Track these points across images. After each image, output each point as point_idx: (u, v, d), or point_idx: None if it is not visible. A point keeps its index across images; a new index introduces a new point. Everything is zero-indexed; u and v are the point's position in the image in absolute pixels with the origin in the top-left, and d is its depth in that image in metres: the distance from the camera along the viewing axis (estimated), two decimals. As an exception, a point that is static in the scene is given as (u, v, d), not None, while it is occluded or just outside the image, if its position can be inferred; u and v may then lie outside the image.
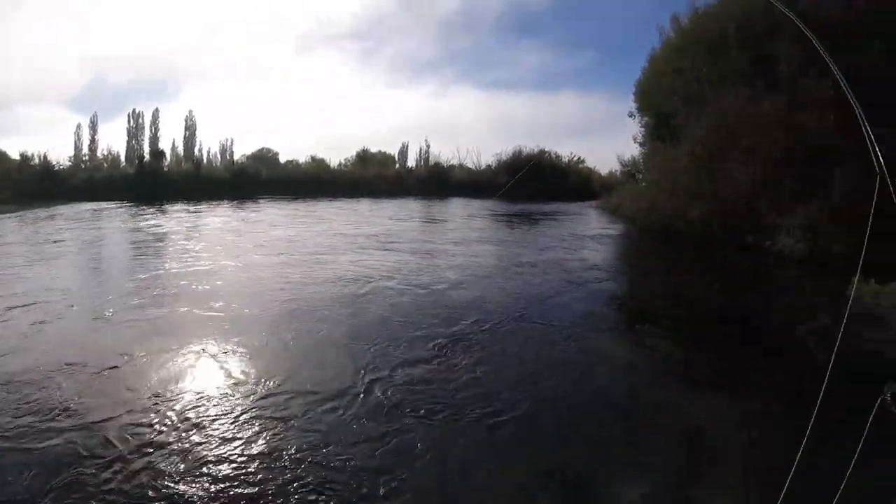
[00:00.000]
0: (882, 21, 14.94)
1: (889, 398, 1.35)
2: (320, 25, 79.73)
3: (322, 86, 79.66)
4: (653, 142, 24.14)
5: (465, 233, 19.15)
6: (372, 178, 39.67)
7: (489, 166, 41.56)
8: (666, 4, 46.50)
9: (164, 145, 47.59)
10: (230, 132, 53.92)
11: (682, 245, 17.51)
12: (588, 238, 18.37)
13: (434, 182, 38.78)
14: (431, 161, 45.41)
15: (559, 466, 4.38)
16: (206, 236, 17.14)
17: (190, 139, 52.43)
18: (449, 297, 9.67)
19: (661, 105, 22.99)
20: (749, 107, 17.33)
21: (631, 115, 26.86)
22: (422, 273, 11.61)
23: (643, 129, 25.94)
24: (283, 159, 50.43)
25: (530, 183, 35.00)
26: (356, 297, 9.48)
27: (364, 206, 28.13)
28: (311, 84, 79.79)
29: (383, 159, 48.86)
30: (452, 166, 42.49)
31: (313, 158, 46.75)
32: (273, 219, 21.88)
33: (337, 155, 54.86)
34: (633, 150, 29.80)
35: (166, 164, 40.32)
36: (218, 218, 22.55)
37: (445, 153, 49.66)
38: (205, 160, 47.94)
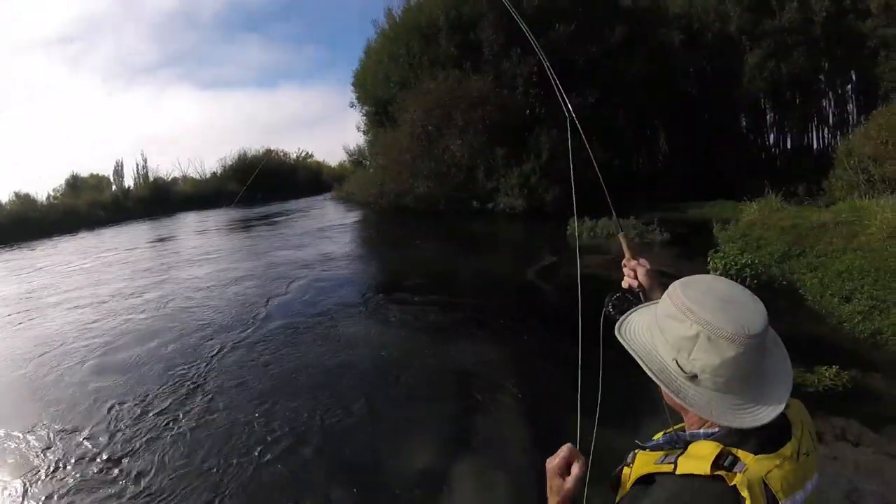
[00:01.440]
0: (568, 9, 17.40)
1: (610, 308, 1.31)
2: (20, 29, 63.66)
3: (21, 104, 63.04)
4: (375, 128, 24.41)
5: (210, 247, 16.40)
6: (86, 206, 32.75)
7: (215, 173, 37.91)
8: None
9: None
10: None
11: (416, 220, 17.77)
12: (326, 229, 17.44)
13: (157, 200, 33.80)
14: (151, 177, 39.64)
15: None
16: None
17: None
18: (219, 305, 8.64)
19: (378, 93, 23.43)
20: (459, 87, 18.45)
21: (352, 105, 26.98)
22: (182, 293, 9.68)
23: (364, 117, 26.21)
24: None
25: (261, 185, 33.12)
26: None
27: (84, 241, 22.23)
28: (7, 105, 62.53)
29: (97, 183, 40.99)
30: (175, 179, 37.67)
31: (17, 195, 37.01)
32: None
33: (48, 186, 44.32)
34: (358, 139, 29.93)
35: None
36: None
37: (166, 166, 43.99)
38: None
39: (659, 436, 1.10)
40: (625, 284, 1.51)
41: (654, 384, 1.01)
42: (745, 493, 0.87)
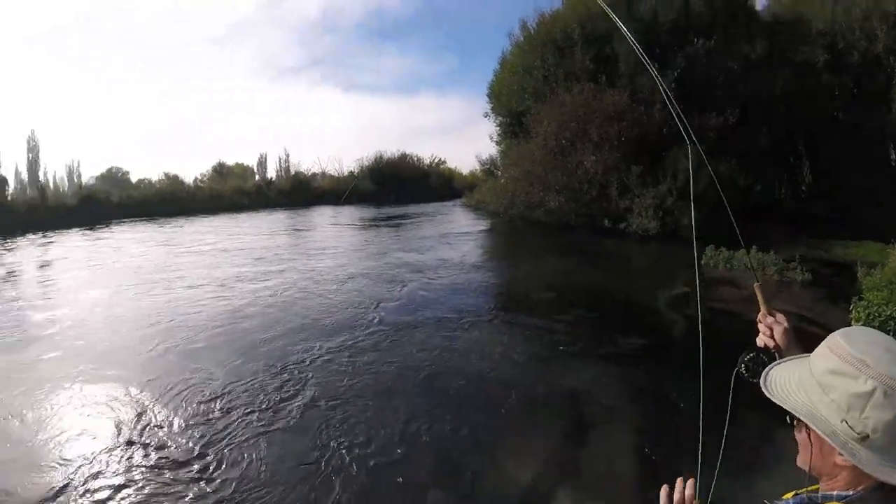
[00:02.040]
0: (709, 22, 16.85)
1: (743, 369, 1.32)
2: (175, 28, 73.22)
3: (177, 95, 72.67)
4: (508, 139, 25.02)
5: (335, 241, 18.19)
6: (231, 192, 36.75)
7: (352, 172, 40.61)
8: (518, 11, 49.14)
9: (7, 171, 40.91)
10: (78, 153, 47.67)
11: (545, 233, 18.18)
12: (459, 235, 18.43)
13: (296, 192, 36.95)
14: (292, 170, 43.40)
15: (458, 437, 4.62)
16: (70, 268, 13.94)
17: (33, 163, 45.79)
18: (332, 302, 9.22)
19: (512, 104, 24.00)
20: (594, 101, 18.52)
21: (486, 115, 27.80)
22: (299, 284, 10.82)
23: (498, 128, 26.92)
24: (134, 178, 45.58)
25: (393, 187, 34.97)
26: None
27: (226, 222, 25.65)
28: (165, 95, 72.44)
29: (241, 172, 45.82)
30: (315, 175, 40.96)
31: (167, 176, 42.65)
32: (128, 247, 18.64)
33: (194, 169, 50.50)
34: (490, 149, 30.84)
35: (9, 192, 34.08)
36: (70, 249, 18.88)
37: (306, 162, 47.88)
38: (51, 185, 42.00)
39: (790, 495, 1.07)
40: (760, 343, 1.43)
41: (783, 442, 1.08)
42: None
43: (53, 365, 6.53)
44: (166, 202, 33.55)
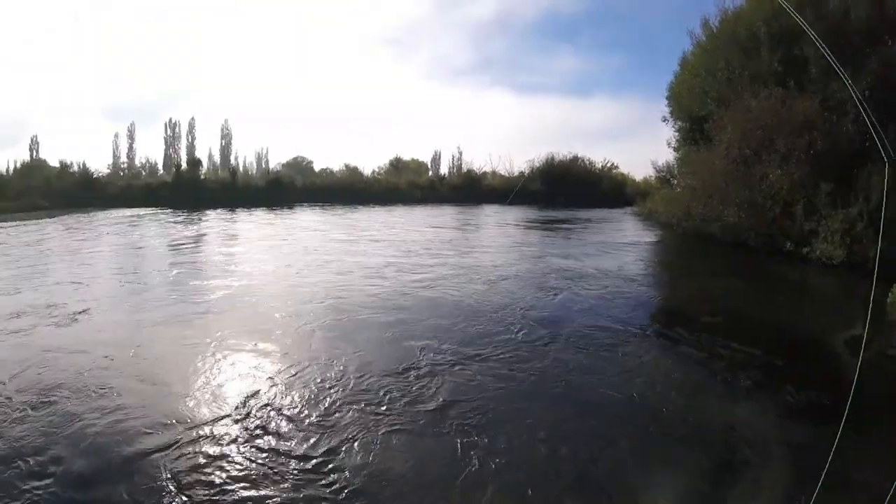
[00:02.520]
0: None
1: None
2: (354, 32, 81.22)
3: (355, 94, 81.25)
4: (687, 146, 23.89)
5: (503, 240, 19.42)
6: (405, 185, 40.02)
7: (522, 173, 41.41)
8: (697, 8, 45.74)
9: (201, 154, 49.61)
10: (266, 142, 55.13)
11: (719, 251, 17.39)
12: (625, 245, 18.40)
13: (467, 189, 38.79)
14: (464, 168, 45.48)
15: (596, 467, 4.46)
16: (250, 240, 18.42)
17: (226, 148, 54.72)
18: (495, 303, 9.66)
19: (693, 108, 22.86)
20: (782, 108, 17.08)
21: (664, 119, 26.74)
22: (463, 278, 11.89)
23: (677, 133, 25.83)
24: (317, 167, 51.32)
25: (564, 189, 34.99)
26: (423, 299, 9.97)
27: (398, 213, 28.67)
28: (345, 92, 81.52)
29: (416, 167, 49.32)
30: (485, 173, 42.48)
31: (347, 167, 47.46)
32: (314, 225, 22.58)
33: (371, 163, 55.67)
34: (667, 155, 29.48)
35: (203, 172, 41.48)
36: (254, 224, 23.70)
37: (478, 160, 49.94)
38: (241, 168, 49.51)
39: None
40: None
41: None
42: None
43: (209, 327, 7.89)
44: (345, 191, 37.81)
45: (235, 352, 6.84)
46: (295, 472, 4.12)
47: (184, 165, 39.84)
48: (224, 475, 4.02)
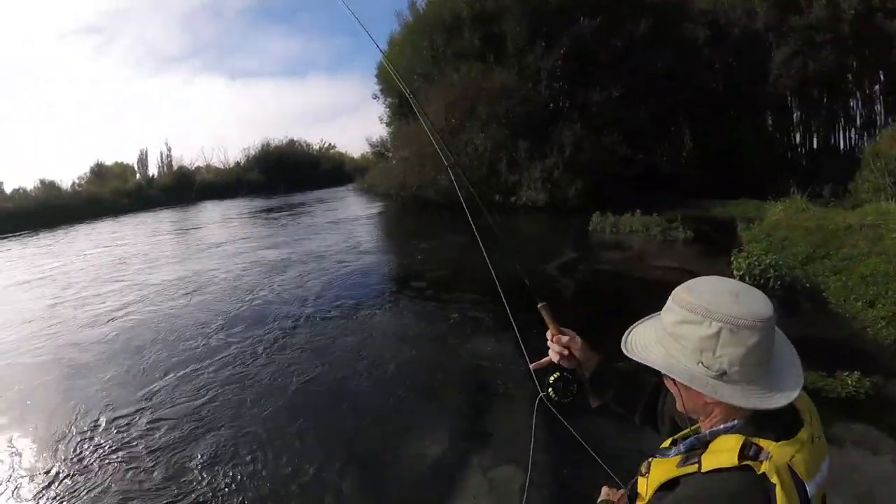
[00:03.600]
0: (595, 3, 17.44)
1: (551, 392, 1.36)
2: (47, 21, 64.80)
3: (49, 93, 64.40)
4: (398, 120, 24.60)
5: (233, 234, 16.83)
6: (111, 194, 33.33)
7: (238, 163, 38.40)
8: None
9: None
10: None
11: (436, 213, 17.96)
12: (349, 220, 17.77)
13: (180, 188, 34.26)
14: (175, 165, 40.21)
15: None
16: None
17: None
18: (246, 295, 8.93)
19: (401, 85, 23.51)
20: (482, 80, 18.56)
21: (375, 97, 27.18)
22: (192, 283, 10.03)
23: (388, 109, 26.34)
24: (8, 189, 40.16)
25: (284, 174, 33.52)
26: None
27: (104, 230, 22.81)
28: (36, 93, 63.82)
29: (121, 171, 41.71)
30: (199, 168, 38.23)
31: (43, 182, 37.98)
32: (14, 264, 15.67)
33: (71, 173, 45.33)
34: (381, 131, 30.01)
35: None
36: None
37: (190, 155, 44.49)
38: None
39: (668, 443, 1.12)
40: (555, 359, 1.46)
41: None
42: (774, 479, 0.90)
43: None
44: (43, 212, 29.45)
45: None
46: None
47: None
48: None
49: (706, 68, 18.99)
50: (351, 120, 69.31)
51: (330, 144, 42.96)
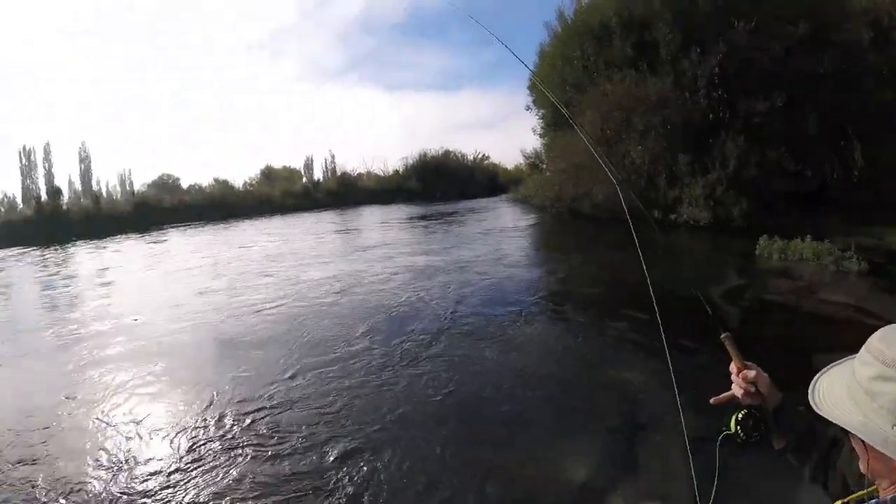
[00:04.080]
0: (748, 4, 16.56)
1: (739, 431, 1.35)
2: (218, 38, 76.56)
3: (223, 102, 76.51)
4: (551, 131, 25.08)
5: (387, 238, 18.95)
6: (279, 194, 38.27)
7: (397, 171, 41.50)
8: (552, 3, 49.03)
9: (60, 182, 44.07)
10: (128, 162, 50.30)
11: (592, 227, 18.29)
12: (504, 231, 18.75)
13: (343, 193, 38.03)
14: (338, 172, 44.52)
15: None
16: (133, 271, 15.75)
17: (86, 172, 48.79)
18: (393, 300, 9.58)
19: (554, 95, 23.92)
20: (637, 89, 18.47)
21: (528, 108, 27.85)
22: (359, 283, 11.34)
23: (541, 120, 26.94)
24: (185, 184, 48.13)
25: (440, 183, 35.52)
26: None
27: (275, 225, 27.04)
28: (211, 102, 76.28)
29: (289, 174, 47.48)
30: (360, 175, 42.03)
31: (217, 181, 44.76)
32: (182, 251, 20.12)
33: (243, 174, 52.88)
34: (534, 142, 30.70)
35: (64, 201, 36.86)
36: (131, 251, 20.55)
37: (352, 162, 49.01)
38: (104, 193, 44.91)
39: (846, 500, 1.09)
40: (739, 395, 1.42)
41: None
42: None
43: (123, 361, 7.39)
44: (217, 206, 35.21)
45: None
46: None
47: (44, 197, 34.96)
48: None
49: (872, 74, 16.88)
50: (504, 131, 71.11)
51: (484, 155, 44.63)
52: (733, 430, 1.34)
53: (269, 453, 4.63)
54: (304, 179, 46.46)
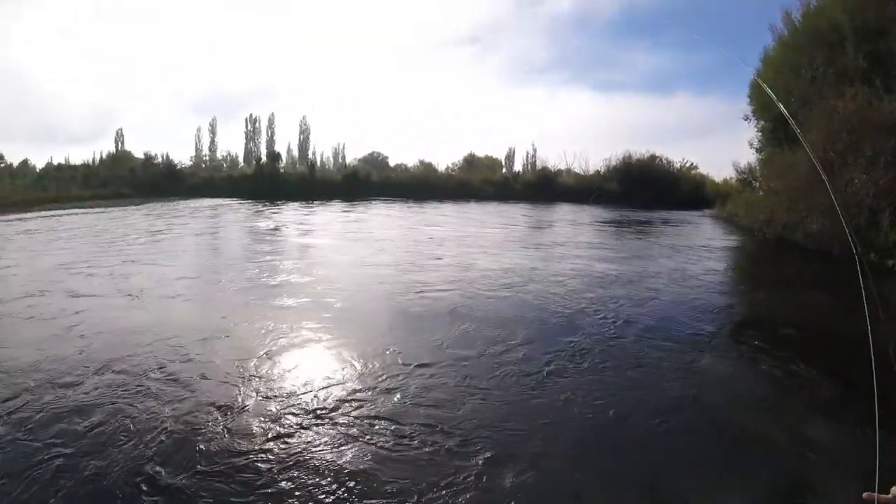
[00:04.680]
0: None
1: None
2: (434, 30, 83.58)
3: (432, 91, 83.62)
4: (770, 147, 23.18)
5: (570, 237, 19.92)
6: (479, 182, 40.55)
7: (598, 171, 41.15)
8: (774, 3, 43.59)
9: (280, 148, 52.81)
10: (342, 137, 57.26)
11: (801, 259, 16.93)
12: (703, 249, 18.08)
13: (541, 187, 38.81)
14: (538, 166, 45.53)
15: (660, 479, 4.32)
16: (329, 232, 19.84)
17: (304, 143, 57.85)
18: (568, 303, 9.59)
19: (777, 107, 22.06)
20: (869, 108, 16.46)
21: (746, 118, 25.96)
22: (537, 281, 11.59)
23: (759, 133, 25.03)
24: (392, 163, 53.24)
25: (642, 189, 34.60)
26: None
27: (473, 209, 29.49)
28: (421, 90, 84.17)
29: (490, 164, 49.89)
30: (560, 171, 42.39)
31: (421, 162, 48.85)
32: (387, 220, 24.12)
33: (446, 159, 57.18)
34: (749, 157, 28.37)
35: (282, 165, 43.57)
36: (334, 215, 25.62)
37: (552, 158, 49.93)
38: (318, 163, 52.19)
39: None
40: None
41: None
42: None
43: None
44: (419, 186, 38.82)
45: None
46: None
47: (264, 159, 42.00)
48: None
49: None
50: (716, 141, 65.72)
51: (692, 164, 41.95)
52: None
53: (391, 441, 4.56)
54: (504, 170, 48.19)
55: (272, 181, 37.01)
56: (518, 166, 49.52)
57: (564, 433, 4.82)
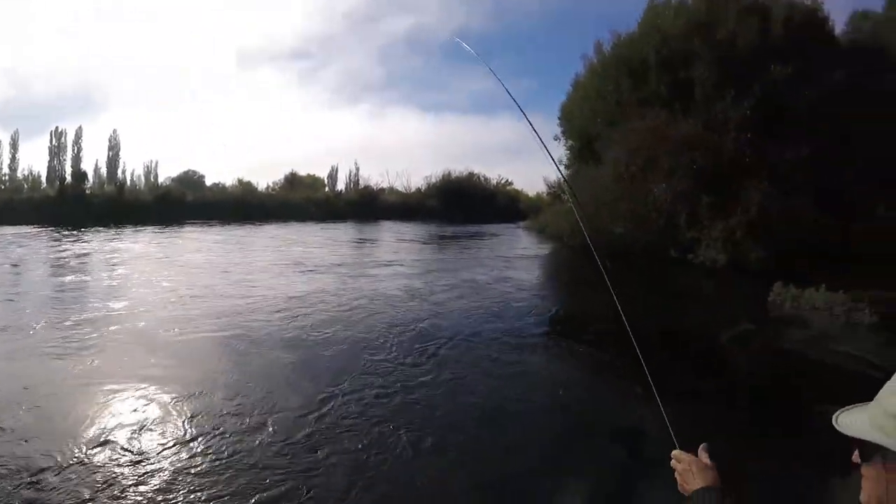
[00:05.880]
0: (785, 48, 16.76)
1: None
2: (261, 44, 79.74)
3: (255, 107, 79.61)
4: (578, 163, 25.31)
5: (402, 256, 19.13)
6: (300, 201, 39.26)
7: (419, 189, 42.33)
8: (595, 34, 50.27)
9: (87, 166, 46.31)
10: (155, 154, 52.24)
11: (609, 261, 18.20)
12: (517, 258, 18.90)
13: (364, 205, 38.99)
14: (361, 184, 45.64)
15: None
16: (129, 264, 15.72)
17: (113, 160, 50.86)
18: (390, 318, 9.67)
19: (584, 128, 24.29)
20: (666, 128, 18.65)
21: (556, 138, 28.05)
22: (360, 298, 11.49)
23: (568, 151, 27.18)
24: (209, 182, 49.63)
25: (461, 205, 36.06)
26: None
27: (291, 231, 27.52)
28: (244, 106, 79.44)
29: (312, 182, 49.05)
30: (382, 189, 43.05)
31: (240, 182, 46.26)
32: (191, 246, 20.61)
33: (266, 178, 54.44)
34: (559, 173, 30.68)
35: (88, 186, 38.52)
36: (137, 245, 21.00)
37: (375, 176, 50.19)
38: (128, 182, 46.75)
39: None
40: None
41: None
42: None
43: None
44: (238, 207, 36.18)
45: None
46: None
47: (68, 179, 36.51)
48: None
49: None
50: (531, 159, 71.54)
51: (507, 181, 45.46)
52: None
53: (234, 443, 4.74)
54: (327, 188, 47.53)
55: (77, 204, 31.75)
56: (341, 185, 48.70)
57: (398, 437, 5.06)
